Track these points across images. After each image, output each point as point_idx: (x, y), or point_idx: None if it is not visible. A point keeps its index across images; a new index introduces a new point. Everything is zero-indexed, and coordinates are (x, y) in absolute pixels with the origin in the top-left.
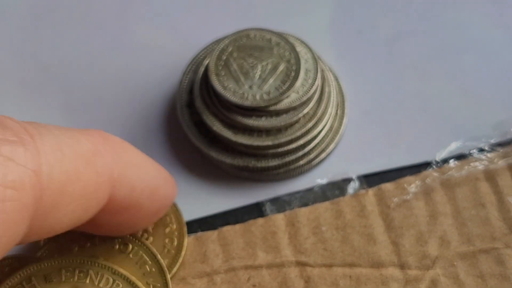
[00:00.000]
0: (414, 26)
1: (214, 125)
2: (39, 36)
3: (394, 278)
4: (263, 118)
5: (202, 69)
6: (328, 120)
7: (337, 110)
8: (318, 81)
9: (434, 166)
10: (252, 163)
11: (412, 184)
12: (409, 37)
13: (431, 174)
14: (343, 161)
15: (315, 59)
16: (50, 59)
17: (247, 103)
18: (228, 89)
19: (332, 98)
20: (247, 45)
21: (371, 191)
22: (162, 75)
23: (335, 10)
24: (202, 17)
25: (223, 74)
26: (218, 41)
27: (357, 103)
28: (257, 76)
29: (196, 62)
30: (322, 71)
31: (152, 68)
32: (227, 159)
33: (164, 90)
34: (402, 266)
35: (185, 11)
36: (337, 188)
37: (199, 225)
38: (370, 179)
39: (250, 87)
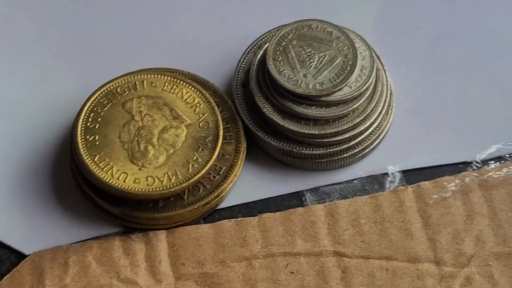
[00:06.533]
0: (457, 28)
1: (265, 108)
2: (89, 19)
3: (430, 274)
4: (313, 108)
5: (260, 52)
6: (376, 118)
7: (386, 109)
8: (373, 79)
9: (474, 167)
10: (297, 149)
11: (451, 183)
12: (452, 39)
13: (470, 174)
14: (384, 156)
15: (373, 57)
16: (99, 43)
17: (300, 90)
18: (283, 74)
19: (383, 97)
20: (308, 35)
21: (410, 188)
22: (223, 57)
23: (380, 10)
24: (257, 8)
25: (280, 59)
26: (280, 27)
27: (400, 101)
28: (313, 65)
29: (256, 44)
30: (378, 70)
31: (214, 49)
32: (274, 142)
33: (223, 70)
34: (438, 263)
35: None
36: (376, 182)
37: (239, 210)
38: (408, 175)
39: (305, 75)
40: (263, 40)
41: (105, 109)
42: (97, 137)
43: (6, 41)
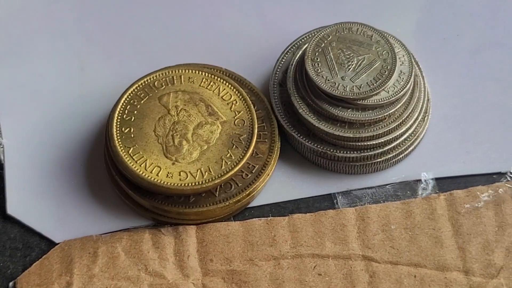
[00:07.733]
0: (499, 38)
1: (300, 108)
2: (129, 12)
3: (458, 283)
4: (349, 110)
5: (299, 52)
6: (412, 124)
7: (423, 115)
8: (410, 85)
9: (508, 178)
10: (331, 151)
11: (485, 193)
12: (493, 48)
13: (504, 185)
14: (418, 163)
15: (412, 63)
16: (138, 36)
17: (337, 92)
18: (321, 76)
19: (420, 103)
20: (348, 38)
21: (442, 196)
22: (261, 55)
23: (422, 16)
24: (297, 8)
25: (318, 60)
26: (320, 29)
27: (437, 108)
28: (351, 68)
29: (296, 44)
30: (416, 76)
31: (252, 47)
32: (308, 143)
33: (260, 69)
34: (467, 272)
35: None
36: (409, 188)
37: (270, 209)
38: (441, 183)
39: (343, 78)
40: (303, 40)
41: (142, 102)
42: (132, 130)
43: (46, 30)
